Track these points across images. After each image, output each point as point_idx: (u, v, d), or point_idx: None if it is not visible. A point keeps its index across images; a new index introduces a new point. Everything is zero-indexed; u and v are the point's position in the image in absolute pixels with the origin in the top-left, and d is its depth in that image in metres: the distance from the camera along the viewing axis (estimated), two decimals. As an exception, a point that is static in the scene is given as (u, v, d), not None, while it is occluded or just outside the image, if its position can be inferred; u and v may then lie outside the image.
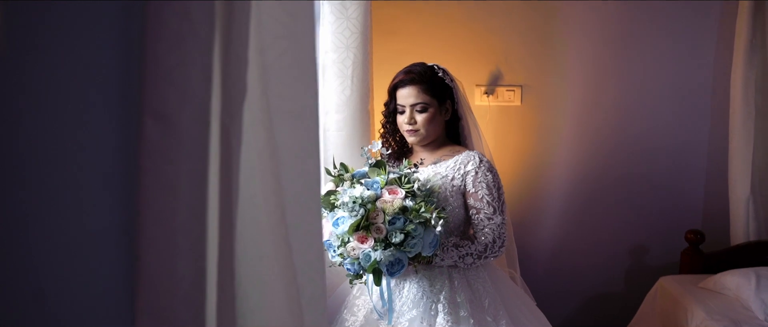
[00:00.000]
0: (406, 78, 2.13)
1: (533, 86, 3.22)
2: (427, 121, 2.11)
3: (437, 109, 2.12)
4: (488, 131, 3.18)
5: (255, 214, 1.04)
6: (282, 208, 1.06)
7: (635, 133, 3.28)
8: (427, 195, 1.87)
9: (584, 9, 3.15)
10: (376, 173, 1.85)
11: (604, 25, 3.16)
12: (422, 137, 2.13)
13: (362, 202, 1.77)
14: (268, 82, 1.05)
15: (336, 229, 1.81)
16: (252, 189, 1.04)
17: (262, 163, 1.05)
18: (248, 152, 1.03)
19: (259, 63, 1.04)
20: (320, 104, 2.34)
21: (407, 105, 2.12)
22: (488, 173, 2.07)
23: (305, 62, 1.07)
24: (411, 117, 2.11)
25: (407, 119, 2.12)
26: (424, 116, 2.10)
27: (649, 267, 3.38)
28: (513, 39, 3.17)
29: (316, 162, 1.11)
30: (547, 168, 3.28)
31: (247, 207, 1.03)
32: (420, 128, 2.11)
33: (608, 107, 3.24)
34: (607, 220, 3.34)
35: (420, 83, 2.11)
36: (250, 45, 0.99)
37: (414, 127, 2.12)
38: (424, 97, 2.10)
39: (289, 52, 1.06)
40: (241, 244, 1.01)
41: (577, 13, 3.15)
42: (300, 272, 1.08)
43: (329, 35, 2.27)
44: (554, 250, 3.35)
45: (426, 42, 3.14)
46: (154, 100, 0.90)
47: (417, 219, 1.80)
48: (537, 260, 3.35)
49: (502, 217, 2.06)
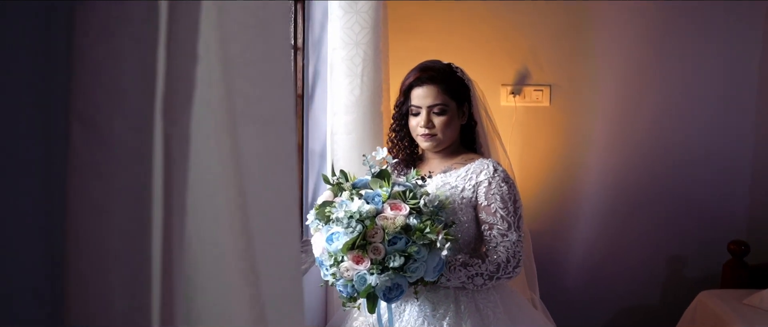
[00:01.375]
0: (424, 76, 1.93)
1: (563, 86, 3.12)
2: (445, 125, 1.92)
3: (456, 112, 1.94)
4: (514, 133, 3.09)
5: (214, 240, 0.87)
6: (248, 233, 0.88)
7: (673, 137, 3.13)
8: (434, 212, 1.67)
9: (620, 9, 3.05)
10: (378, 185, 1.66)
11: (641, 25, 3.05)
12: (439, 142, 1.94)
13: (360, 218, 1.58)
14: (233, 80, 0.88)
15: (329, 246, 1.61)
16: (211, 210, 0.87)
17: (225, 178, 0.88)
18: (207, 164, 0.86)
19: (220, 57, 0.86)
20: (328, 105, 2.18)
21: (424, 106, 1.93)
22: (503, 184, 1.87)
23: (277, 56, 0.90)
24: (427, 120, 1.92)
25: (423, 122, 1.92)
26: (442, 119, 1.92)
27: (686, 279, 3.21)
28: (541, 37, 3.09)
29: (291, 176, 0.93)
30: (577, 172, 3.17)
31: (203, 231, 0.86)
32: (437, 132, 1.93)
33: (644, 109, 3.12)
34: (642, 228, 3.19)
35: (440, 82, 1.92)
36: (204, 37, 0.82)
37: (431, 131, 1.93)
38: (444, 98, 1.92)
39: (258, 44, 0.89)
40: (193, 277, 0.84)
41: (613, 13, 3.06)
42: (271, 308, 0.90)
43: (338, 31, 2.11)
44: (584, 259, 3.22)
45: (447, 40, 3.07)
46: (79, 101, 0.73)
47: (421, 240, 1.60)
48: (566, 270, 3.21)
49: (517, 233, 1.86)
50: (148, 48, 0.75)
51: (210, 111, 0.87)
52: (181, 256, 0.84)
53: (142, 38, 0.75)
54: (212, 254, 0.89)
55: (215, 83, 0.87)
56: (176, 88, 0.79)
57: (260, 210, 0.91)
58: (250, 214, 0.90)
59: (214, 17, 0.86)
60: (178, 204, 0.82)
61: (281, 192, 0.92)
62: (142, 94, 0.75)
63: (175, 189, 0.80)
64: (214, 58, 0.87)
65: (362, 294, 1.58)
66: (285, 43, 0.91)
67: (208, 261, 0.89)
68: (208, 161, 0.86)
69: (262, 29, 0.90)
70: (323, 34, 2.30)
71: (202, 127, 0.85)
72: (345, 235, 1.58)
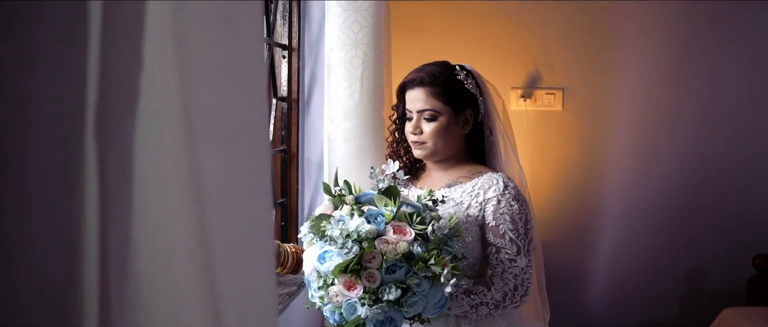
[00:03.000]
0: (415, 77, 1.78)
1: (576, 89, 3.00)
2: (434, 133, 1.75)
3: (451, 119, 1.76)
4: (525, 139, 2.97)
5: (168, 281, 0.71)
6: (211, 272, 0.73)
7: (696, 144, 3.00)
8: (443, 241, 1.50)
9: (638, 8, 2.93)
10: (383, 203, 1.49)
11: (662, 25, 2.94)
12: (429, 152, 1.78)
13: (358, 238, 1.42)
14: (192, 87, 0.72)
15: (320, 265, 1.45)
16: (165, 245, 0.72)
17: (182, 207, 0.72)
18: (159, 192, 0.71)
19: (176, 60, 0.71)
20: (325, 111, 2.03)
21: (414, 110, 1.78)
22: (513, 203, 1.70)
23: (247, 57, 0.75)
24: (416, 125, 1.77)
25: (411, 128, 1.78)
26: (432, 126, 1.75)
27: (709, 295, 3.06)
28: (553, 38, 2.98)
29: (264, 202, 0.78)
30: (591, 181, 3.05)
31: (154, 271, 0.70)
32: (426, 140, 1.76)
33: (665, 115, 2.99)
34: (661, 240, 3.04)
35: (430, 85, 1.75)
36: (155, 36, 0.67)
37: (419, 138, 1.77)
38: (434, 103, 1.75)
39: (223, 43, 0.73)
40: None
41: (630, 12, 2.94)
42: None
43: (336, 31, 1.96)
44: (599, 272, 3.09)
45: (454, 40, 2.97)
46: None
47: (423, 272, 1.43)
48: (581, 283, 3.09)
49: (528, 258, 1.70)
50: (73, 51, 0.59)
51: (163, 126, 0.71)
52: (125, 304, 0.69)
53: (67, 38, 0.60)
54: (167, 300, 0.73)
55: (170, 91, 0.72)
56: (113, 100, 0.63)
57: (226, 244, 0.76)
58: (213, 249, 0.74)
59: (167, 12, 0.71)
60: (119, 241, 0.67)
61: (252, 222, 0.77)
62: (66, 109, 0.59)
63: (112, 227, 0.64)
64: (169, 61, 0.72)
65: (350, 325, 1.42)
66: (256, 42, 0.76)
67: (163, 307, 0.73)
68: (160, 188, 0.71)
69: (228, 25, 0.74)
70: (321, 34, 2.16)
71: (150, 146, 0.70)
72: (338, 256, 1.42)
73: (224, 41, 0.74)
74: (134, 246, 0.71)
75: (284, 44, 2.27)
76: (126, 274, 0.69)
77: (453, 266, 1.47)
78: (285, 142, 2.28)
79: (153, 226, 0.71)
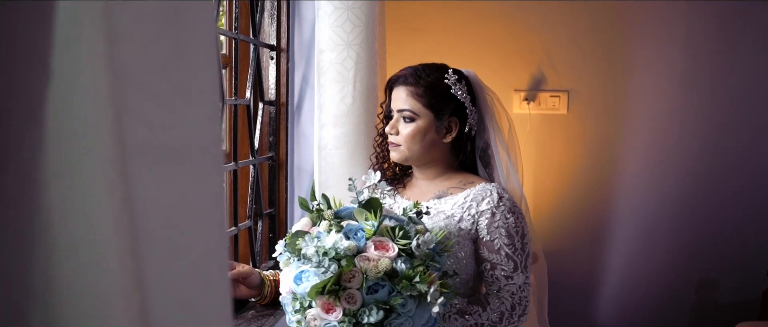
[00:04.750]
0: (400, 75, 1.69)
1: (582, 92, 2.92)
2: (410, 137, 1.66)
3: (431, 125, 1.66)
4: (528, 143, 2.87)
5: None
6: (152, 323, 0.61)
7: (710, 151, 2.90)
8: (429, 256, 1.38)
9: (647, 8, 2.85)
10: (364, 216, 1.37)
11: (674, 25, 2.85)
12: (403, 156, 1.68)
13: (336, 256, 1.30)
14: (126, 96, 0.60)
15: (296, 287, 1.34)
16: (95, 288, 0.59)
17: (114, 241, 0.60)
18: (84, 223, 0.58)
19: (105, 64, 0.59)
20: (315, 116, 1.92)
21: (395, 109, 1.69)
22: (509, 215, 1.61)
23: (195, 59, 0.63)
24: (393, 125, 1.68)
25: (389, 127, 1.69)
26: (408, 129, 1.66)
27: (722, 307, 2.95)
28: (558, 37, 2.90)
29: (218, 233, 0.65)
30: (597, 188, 2.96)
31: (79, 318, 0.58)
32: (401, 143, 1.67)
33: (676, 120, 2.90)
34: (671, 250, 2.95)
35: (413, 85, 1.66)
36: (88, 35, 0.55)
37: (395, 139, 1.68)
38: (413, 104, 1.66)
39: (164, 44, 0.61)
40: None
41: (639, 12, 2.86)
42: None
43: (327, 30, 1.85)
44: (604, 283, 3.00)
45: (454, 41, 2.89)
46: None
47: (408, 290, 1.32)
48: (585, 296, 3.00)
49: (525, 275, 1.60)
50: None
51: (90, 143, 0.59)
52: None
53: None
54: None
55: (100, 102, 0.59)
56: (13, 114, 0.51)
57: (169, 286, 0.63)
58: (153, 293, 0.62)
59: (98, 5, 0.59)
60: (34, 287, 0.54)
61: (202, 259, 0.64)
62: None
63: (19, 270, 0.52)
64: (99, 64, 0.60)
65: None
66: (207, 41, 0.63)
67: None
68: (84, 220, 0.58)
69: (173, 22, 0.62)
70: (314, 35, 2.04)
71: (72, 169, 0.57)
72: (315, 276, 1.31)
73: (166, 42, 0.61)
74: (58, 293, 0.58)
75: (272, 44, 2.14)
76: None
77: (441, 283, 1.37)
78: (273, 148, 2.16)
79: (79, 268, 0.59)
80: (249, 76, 2.03)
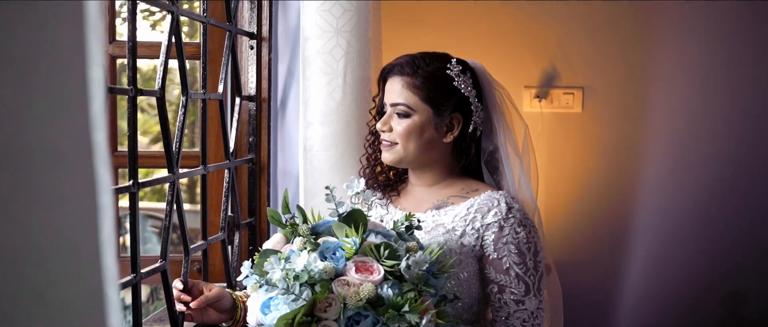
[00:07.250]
0: (395, 64, 1.53)
1: (598, 89, 2.87)
2: (405, 134, 1.49)
3: (429, 121, 1.50)
4: (540, 143, 2.79)
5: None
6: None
7: (736, 152, 2.83)
8: (423, 279, 1.18)
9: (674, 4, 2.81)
10: (344, 232, 1.17)
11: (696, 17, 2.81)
12: (398, 157, 1.51)
13: (309, 280, 1.10)
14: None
15: (263, 317, 1.16)
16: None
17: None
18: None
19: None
20: (300, 114, 1.74)
21: (388, 103, 1.53)
22: (519, 229, 1.43)
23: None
24: (386, 122, 1.52)
25: (380, 124, 1.53)
26: (403, 125, 1.49)
27: (747, 321, 2.87)
28: (573, 32, 2.86)
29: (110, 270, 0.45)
30: (614, 192, 2.90)
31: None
32: (396, 140, 1.51)
33: (700, 120, 2.84)
34: (694, 260, 2.87)
35: (410, 75, 1.49)
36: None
37: (388, 137, 1.52)
38: (409, 97, 1.49)
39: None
40: None
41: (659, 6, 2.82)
42: None
43: (313, 15, 1.70)
44: (622, 296, 2.93)
45: (460, 34, 2.83)
46: None
47: (395, 322, 1.13)
48: (601, 309, 2.92)
49: (538, 299, 1.44)
50: None
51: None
52: None
53: None
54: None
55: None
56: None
57: None
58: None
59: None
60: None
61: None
62: None
63: None
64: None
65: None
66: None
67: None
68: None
69: None
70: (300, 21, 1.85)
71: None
72: (285, 304, 1.11)
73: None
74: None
75: (251, 32, 1.95)
76: None
77: (438, 312, 1.18)
78: (253, 150, 1.98)
79: None
80: (222, 67, 1.83)
